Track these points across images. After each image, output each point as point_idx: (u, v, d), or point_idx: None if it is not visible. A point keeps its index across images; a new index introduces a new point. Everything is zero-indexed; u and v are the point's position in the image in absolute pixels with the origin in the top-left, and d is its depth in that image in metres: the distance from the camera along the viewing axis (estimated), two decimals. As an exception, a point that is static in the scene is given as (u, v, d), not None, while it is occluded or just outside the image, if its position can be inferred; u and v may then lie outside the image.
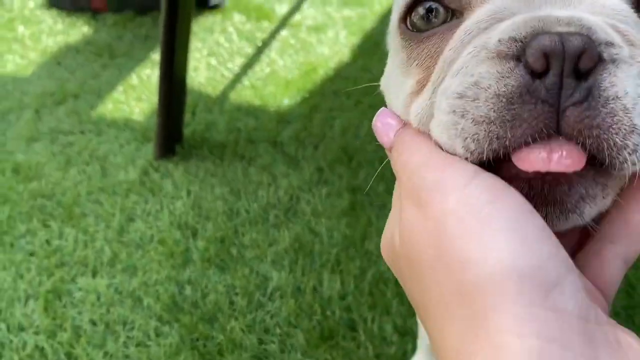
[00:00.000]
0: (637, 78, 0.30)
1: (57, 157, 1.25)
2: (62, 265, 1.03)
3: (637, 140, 0.29)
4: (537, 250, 0.29)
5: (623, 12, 0.32)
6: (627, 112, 0.29)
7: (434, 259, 0.31)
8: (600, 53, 0.29)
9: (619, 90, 0.29)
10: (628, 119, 0.29)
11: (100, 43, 1.63)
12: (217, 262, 1.02)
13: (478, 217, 0.30)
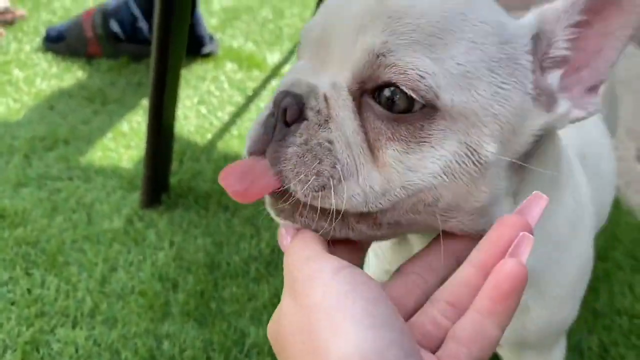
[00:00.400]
0: (313, 136, 0.41)
1: (43, 204, 1.27)
2: (42, 315, 1.03)
3: (302, 176, 0.41)
4: (381, 336, 0.34)
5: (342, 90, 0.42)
6: (299, 155, 0.41)
7: (303, 347, 0.37)
8: (303, 112, 0.42)
9: (300, 140, 0.41)
10: (298, 160, 0.41)
11: (93, 88, 1.67)
12: (196, 316, 1.03)
13: (337, 307, 0.35)
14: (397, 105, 0.40)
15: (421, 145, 0.41)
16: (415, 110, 0.40)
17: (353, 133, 0.41)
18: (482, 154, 0.41)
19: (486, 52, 0.42)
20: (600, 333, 1.03)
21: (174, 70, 1.15)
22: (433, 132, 0.41)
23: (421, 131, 0.41)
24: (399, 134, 0.41)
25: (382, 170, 0.41)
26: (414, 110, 0.40)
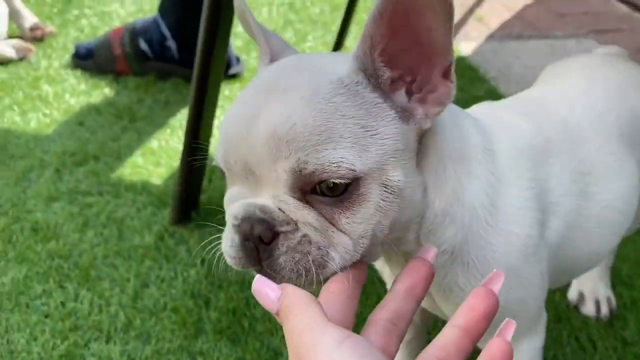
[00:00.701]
0: (293, 240, 0.51)
1: (75, 218, 1.29)
2: (76, 329, 1.04)
3: (289, 273, 0.51)
4: None
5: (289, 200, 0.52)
6: (292, 258, 0.51)
7: None
8: (276, 230, 0.51)
9: (284, 248, 0.51)
10: (292, 261, 0.51)
11: (121, 105, 1.69)
12: (228, 334, 1.04)
13: None
14: (335, 191, 0.51)
15: (361, 204, 0.52)
16: (348, 187, 0.51)
17: (316, 221, 0.52)
18: (394, 184, 0.53)
19: (350, 117, 0.51)
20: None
21: (213, 89, 1.17)
22: (362, 191, 0.52)
23: (357, 196, 0.52)
24: (344, 207, 0.52)
25: (347, 233, 0.52)
26: (348, 188, 0.51)
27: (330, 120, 0.50)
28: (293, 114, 0.50)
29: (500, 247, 0.63)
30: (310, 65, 0.56)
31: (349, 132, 0.50)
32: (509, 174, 0.64)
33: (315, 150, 0.49)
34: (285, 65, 0.57)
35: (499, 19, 2.51)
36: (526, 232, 0.64)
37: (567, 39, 2.34)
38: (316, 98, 0.51)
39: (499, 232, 0.63)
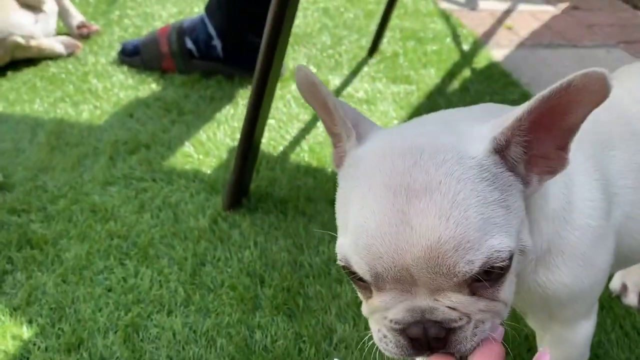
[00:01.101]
0: (469, 334, 0.55)
1: (131, 201, 1.34)
2: (138, 302, 1.09)
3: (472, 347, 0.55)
4: None
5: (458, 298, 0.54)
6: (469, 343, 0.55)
7: None
8: (450, 327, 0.54)
9: (460, 340, 0.55)
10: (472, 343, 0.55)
11: (169, 100, 1.76)
12: (284, 310, 1.08)
13: None
14: (491, 274, 0.54)
15: (510, 274, 0.56)
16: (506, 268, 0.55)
17: (487, 307, 0.56)
18: (525, 248, 0.57)
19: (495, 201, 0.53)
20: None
21: (271, 88, 1.22)
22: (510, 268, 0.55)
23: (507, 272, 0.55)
24: (500, 282, 0.55)
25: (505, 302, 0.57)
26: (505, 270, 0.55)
27: (483, 212, 0.51)
28: (450, 217, 0.50)
29: (575, 239, 0.67)
30: (441, 149, 0.53)
31: (498, 216, 0.52)
32: (577, 169, 0.68)
33: (479, 248, 0.51)
34: (409, 152, 0.54)
35: (528, 29, 2.55)
36: (598, 223, 0.69)
37: (597, 48, 2.38)
38: (465, 193, 0.51)
39: (576, 227, 0.67)
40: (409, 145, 0.54)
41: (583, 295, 0.71)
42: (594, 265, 0.70)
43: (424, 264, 0.50)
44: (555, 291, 0.68)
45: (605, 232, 0.70)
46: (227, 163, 1.49)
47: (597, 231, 0.69)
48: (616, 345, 1.06)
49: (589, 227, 0.68)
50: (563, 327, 0.76)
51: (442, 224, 0.50)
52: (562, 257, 0.67)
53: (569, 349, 0.78)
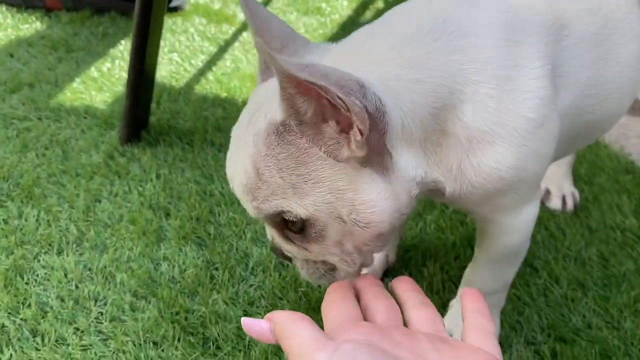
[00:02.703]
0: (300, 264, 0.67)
1: (12, 141, 1.18)
2: (22, 244, 0.95)
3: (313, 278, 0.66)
4: None
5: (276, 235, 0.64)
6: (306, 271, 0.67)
7: None
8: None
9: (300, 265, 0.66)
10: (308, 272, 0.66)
11: (55, 38, 1.57)
12: (193, 239, 0.98)
13: None
14: (295, 228, 0.59)
15: (323, 238, 0.59)
16: (304, 226, 0.58)
17: (298, 253, 0.63)
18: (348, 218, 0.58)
19: (287, 169, 0.55)
20: (598, 245, 1.04)
21: (156, 21, 1.10)
22: (318, 229, 0.58)
23: (316, 234, 0.58)
24: (310, 240, 0.59)
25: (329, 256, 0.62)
26: (304, 227, 0.58)
27: (271, 176, 0.55)
28: (245, 170, 0.57)
29: (518, 126, 0.60)
30: (260, 109, 0.57)
31: (288, 183, 0.55)
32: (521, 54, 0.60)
33: (266, 201, 0.57)
34: (249, 107, 0.60)
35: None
36: (542, 112, 0.60)
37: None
38: (257, 154, 0.55)
39: (520, 114, 0.59)
40: (257, 99, 0.60)
41: (526, 180, 0.64)
42: (539, 154, 0.63)
43: (240, 196, 0.60)
44: (499, 179, 0.61)
45: (550, 118, 0.62)
46: (123, 97, 1.34)
47: (540, 119, 0.61)
48: (542, 246, 1.03)
49: (532, 117, 0.60)
50: (506, 215, 0.69)
51: (242, 173, 0.57)
52: (505, 144, 0.60)
53: (512, 236, 0.72)
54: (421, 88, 0.56)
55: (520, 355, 0.83)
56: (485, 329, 0.49)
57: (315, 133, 0.53)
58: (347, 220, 0.56)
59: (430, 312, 0.52)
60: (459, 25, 0.59)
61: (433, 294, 0.92)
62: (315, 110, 0.52)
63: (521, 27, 0.61)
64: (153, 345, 0.80)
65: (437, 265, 0.96)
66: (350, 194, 0.55)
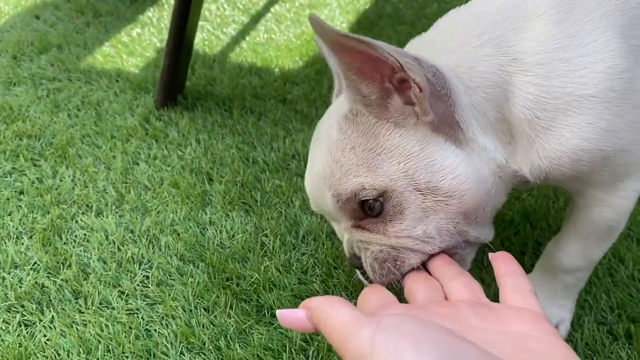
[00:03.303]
0: (370, 262, 0.60)
1: (42, 101, 1.12)
2: (58, 204, 0.89)
3: (379, 277, 0.60)
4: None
5: (350, 228, 0.62)
6: (371, 269, 0.61)
7: None
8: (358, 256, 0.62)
9: (367, 263, 0.61)
10: (373, 270, 0.61)
11: (82, 2, 1.51)
12: (239, 205, 0.92)
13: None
14: (374, 211, 0.57)
15: (402, 213, 0.57)
16: (383, 205, 0.57)
17: (373, 239, 0.59)
18: (424, 186, 0.57)
19: (359, 146, 0.57)
20: (660, 227, 0.99)
21: None
22: (396, 202, 0.56)
23: (394, 208, 0.57)
24: (388, 220, 0.58)
25: (406, 238, 0.58)
26: (383, 205, 0.57)
27: (344, 156, 0.57)
28: (321, 160, 0.59)
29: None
30: (330, 111, 0.62)
31: (361, 159, 0.56)
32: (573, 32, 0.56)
33: (340, 183, 0.57)
34: (324, 117, 0.64)
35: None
36: (602, 87, 0.55)
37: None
38: (331, 142, 0.58)
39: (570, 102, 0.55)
40: (331, 107, 0.64)
41: (614, 158, 0.58)
42: (618, 128, 0.57)
43: (315, 198, 0.62)
44: (570, 163, 0.57)
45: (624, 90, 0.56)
46: (155, 62, 1.29)
47: (605, 92, 0.55)
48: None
49: (590, 92, 0.55)
50: (600, 189, 0.64)
51: (317, 167, 0.59)
52: (564, 126, 0.56)
53: (605, 210, 0.66)
54: (476, 74, 0.57)
55: (593, 335, 0.78)
56: (522, 288, 0.47)
57: (381, 110, 0.56)
58: (425, 189, 0.55)
59: (466, 279, 0.51)
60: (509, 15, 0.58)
61: (495, 270, 0.86)
62: (378, 90, 0.55)
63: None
64: (204, 312, 0.75)
65: (497, 240, 0.91)
66: (424, 160, 0.55)
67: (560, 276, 0.75)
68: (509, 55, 0.56)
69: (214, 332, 0.72)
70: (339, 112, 0.59)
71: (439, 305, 0.45)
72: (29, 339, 0.70)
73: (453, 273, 0.52)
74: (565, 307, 0.77)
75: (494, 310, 0.43)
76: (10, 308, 0.74)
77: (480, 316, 0.43)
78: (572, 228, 0.71)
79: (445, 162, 0.55)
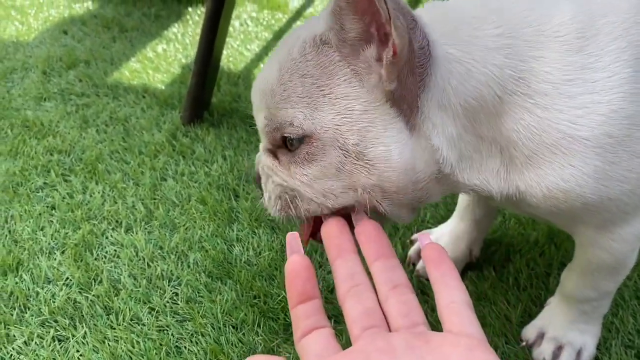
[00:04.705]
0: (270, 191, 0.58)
1: (72, 116, 1.14)
2: (89, 219, 0.91)
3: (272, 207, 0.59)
4: None
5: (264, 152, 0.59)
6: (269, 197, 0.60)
7: None
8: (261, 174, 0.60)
9: (265, 189, 0.60)
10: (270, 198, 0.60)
11: (108, 17, 1.54)
12: (266, 222, 0.93)
13: None
14: (292, 146, 0.54)
15: (313, 162, 0.54)
16: (301, 144, 0.53)
17: (279, 170, 0.57)
18: (351, 148, 0.53)
19: (310, 77, 0.52)
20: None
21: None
22: (313, 150, 0.53)
23: (308, 154, 0.53)
24: (298, 161, 0.55)
25: (307, 186, 0.55)
26: (301, 145, 0.53)
27: (291, 80, 0.52)
28: (269, 73, 0.54)
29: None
30: (305, 25, 0.56)
31: (305, 91, 0.52)
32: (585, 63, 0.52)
33: (276, 108, 0.53)
34: (298, 29, 0.58)
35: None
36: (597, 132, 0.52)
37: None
38: (287, 58, 0.53)
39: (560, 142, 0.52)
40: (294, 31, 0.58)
41: (611, 204, 0.55)
42: (617, 174, 0.53)
43: (254, 105, 0.57)
44: (557, 195, 0.54)
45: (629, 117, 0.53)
46: (181, 78, 1.31)
47: (616, 116, 0.52)
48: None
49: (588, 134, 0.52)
50: (594, 231, 0.61)
51: (263, 78, 0.55)
52: (559, 162, 0.53)
53: (603, 253, 0.63)
54: (470, 80, 0.52)
55: (620, 358, 0.78)
56: (459, 306, 0.44)
57: (351, 52, 0.51)
58: (352, 151, 0.52)
59: (403, 295, 0.46)
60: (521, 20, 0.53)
61: (520, 291, 0.87)
62: (359, 31, 0.50)
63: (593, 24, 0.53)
64: (233, 329, 0.76)
65: (523, 261, 0.91)
66: (363, 122, 0.51)
67: (575, 304, 0.74)
68: (517, 72, 0.52)
69: (242, 350, 0.73)
70: (310, 30, 0.53)
71: (374, 345, 0.42)
72: (63, 354, 0.71)
73: (389, 284, 0.46)
74: (587, 332, 0.76)
75: (429, 344, 0.41)
76: (44, 323, 0.75)
77: (416, 353, 0.41)
78: (577, 262, 0.69)
79: (384, 134, 0.51)
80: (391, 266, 0.47)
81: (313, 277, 0.46)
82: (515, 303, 0.84)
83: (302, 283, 0.45)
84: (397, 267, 0.47)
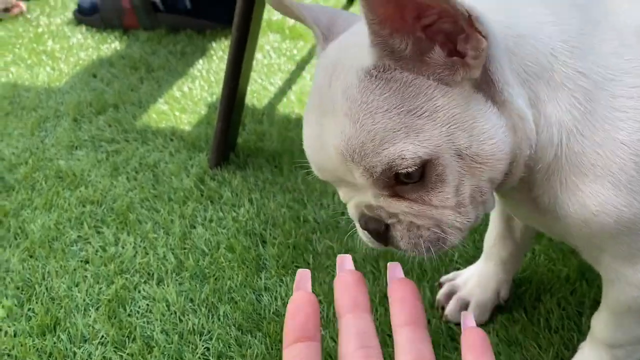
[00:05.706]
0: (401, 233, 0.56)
1: (102, 165, 1.17)
2: (121, 273, 0.94)
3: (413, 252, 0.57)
4: None
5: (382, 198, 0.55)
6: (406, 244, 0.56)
7: None
8: (386, 223, 0.56)
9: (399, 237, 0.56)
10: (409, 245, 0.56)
11: (135, 57, 1.58)
12: (293, 269, 0.94)
13: None
14: (413, 177, 0.52)
15: (443, 181, 0.52)
16: (424, 171, 0.52)
17: (411, 209, 0.54)
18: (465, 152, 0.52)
19: (393, 108, 0.50)
20: None
21: (254, 32, 1.08)
22: (439, 170, 0.51)
23: (437, 176, 0.52)
24: (429, 188, 0.53)
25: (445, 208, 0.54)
26: (424, 171, 0.52)
27: (374, 122, 0.50)
28: (340, 130, 0.51)
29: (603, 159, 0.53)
30: (340, 65, 0.53)
31: (397, 123, 0.50)
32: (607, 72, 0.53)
33: (375, 154, 0.50)
34: (327, 68, 0.54)
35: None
36: (635, 137, 0.53)
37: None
38: (352, 106, 0.50)
39: (598, 144, 0.53)
40: (330, 60, 0.55)
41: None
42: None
43: (339, 169, 0.53)
44: (598, 223, 0.55)
45: None
46: (207, 119, 1.33)
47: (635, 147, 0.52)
48: None
49: (620, 143, 0.52)
50: (622, 264, 0.61)
51: (339, 139, 0.51)
52: (599, 169, 0.53)
53: (633, 291, 0.62)
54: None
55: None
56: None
57: (418, 65, 0.49)
58: (465, 154, 0.51)
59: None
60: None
61: (552, 333, 0.86)
62: (413, 43, 0.49)
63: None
64: (263, 385, 0.77)
65: (554, 300, 0.90)
66: (468, 122, 0.51)
67: (607, 349, 0.73)
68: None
69: (273, 407, 0.74)
70: (355, 65, 0.51)
71: None
72: (100, 417, 0.73)
73: (413, 352, 0.41)
74: None
75: None
76: (82, 384, 0.78)
77: None
78: (606, 302, 0.69)
79: (486, 126, 0.51)
80: (421, 338, 0.42)
81: (317, 316, 0.42)
82: (547, 347, 0.83)
83: (304, 319, 0.41)
84: (426, 340, 0.43)
